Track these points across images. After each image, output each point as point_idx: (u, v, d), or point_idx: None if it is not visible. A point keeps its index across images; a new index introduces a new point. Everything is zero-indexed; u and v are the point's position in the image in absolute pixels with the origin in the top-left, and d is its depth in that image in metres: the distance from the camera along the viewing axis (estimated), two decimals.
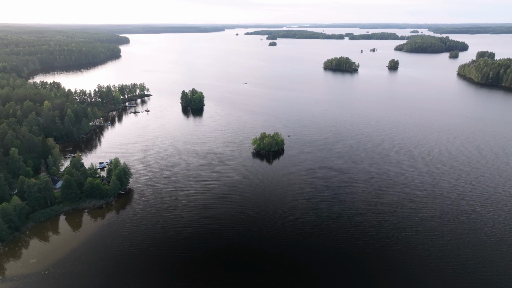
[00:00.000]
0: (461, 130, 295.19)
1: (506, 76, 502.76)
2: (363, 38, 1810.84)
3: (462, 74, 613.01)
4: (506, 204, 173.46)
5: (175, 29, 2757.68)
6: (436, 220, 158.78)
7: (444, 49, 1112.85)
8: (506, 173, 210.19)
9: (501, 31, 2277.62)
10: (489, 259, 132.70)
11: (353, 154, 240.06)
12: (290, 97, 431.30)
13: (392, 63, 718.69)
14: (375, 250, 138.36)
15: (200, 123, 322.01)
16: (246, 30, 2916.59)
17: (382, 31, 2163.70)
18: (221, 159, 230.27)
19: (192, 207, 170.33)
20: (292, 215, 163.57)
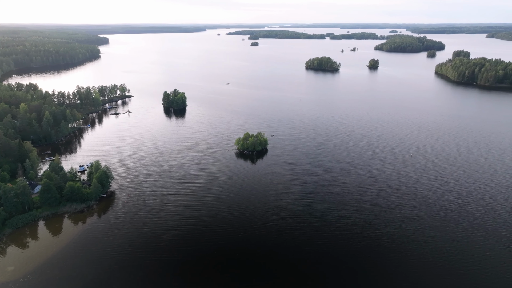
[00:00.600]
0: (440, 128, 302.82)
1: (481, 75, 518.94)
2: (344, 38, 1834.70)
3: (439, 73, 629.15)
4: (484, 198, 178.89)
5: (156, 29, 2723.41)
6: (417, 216, 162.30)
7: (422, 48, 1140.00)
8: (482, 168, 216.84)
9: (475, 31, 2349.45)
10: (469, 253, 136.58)
11: (336, 153, 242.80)
12: (272, 97, 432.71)
13: (372, 62, 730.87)
14: (360, 247, 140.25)
15: (182, 124, 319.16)
16: (228, 30, 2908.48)
17: (362, 31, 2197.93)
18: (205, 160, 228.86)
19: (176, 209, 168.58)
20: (277, 214, 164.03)
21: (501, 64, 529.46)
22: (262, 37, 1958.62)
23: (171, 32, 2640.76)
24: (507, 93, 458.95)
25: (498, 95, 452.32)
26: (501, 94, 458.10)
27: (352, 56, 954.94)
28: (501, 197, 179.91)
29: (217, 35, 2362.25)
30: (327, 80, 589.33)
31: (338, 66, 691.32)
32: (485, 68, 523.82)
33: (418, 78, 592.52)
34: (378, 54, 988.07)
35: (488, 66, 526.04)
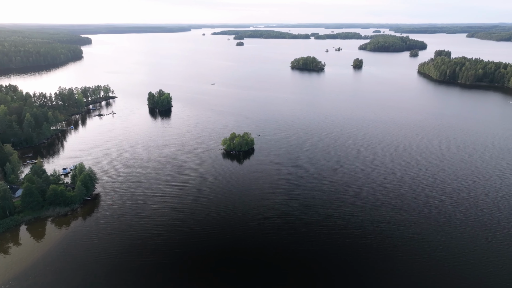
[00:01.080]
0: (423, 126, 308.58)
1: (462, 74, 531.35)
2: (328, 37, 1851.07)
3: (422, 72, 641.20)
4: (467, 194, 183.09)
5: (140, 29, 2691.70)
6: (402, 212, 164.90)
7: (405, 48, 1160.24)
8: (465, 165, 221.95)
9: (455, 31, 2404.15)
10: (454, 248, 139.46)
11: (322, 152, 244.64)
12: (258, 97, 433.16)
13: (357, 62, 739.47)
14: (347, 245, 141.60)
15: (168, 124, 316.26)
16: (213, 30, 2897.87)
17: (347, 31, 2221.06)
18: (191, 161, 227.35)
19: (162, 211, 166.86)
20: (264, 214, 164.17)
21: (481, 63, 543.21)
22: (247, 37, 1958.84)
23: (155, 32, 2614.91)
24: (486, 91, 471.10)
25: (478, 93, 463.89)
26: (481, 92, 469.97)
27: (337, 56, 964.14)
28: (483, 193, 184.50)
29: (202, 35, 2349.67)
30: (312, 80, 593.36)
31: (323, 66, 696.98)
32: (465, 67, 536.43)
33: (401, 77, 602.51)
34: (362, 53, 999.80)
35: (468, 65, 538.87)
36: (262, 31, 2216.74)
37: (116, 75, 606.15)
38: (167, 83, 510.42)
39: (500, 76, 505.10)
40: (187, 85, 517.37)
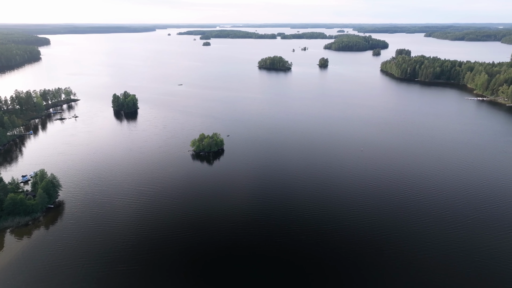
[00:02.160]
0: (387, 122, 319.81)
1: (421, 72, 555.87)
2: (294, 37, 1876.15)
3: (384, 70, 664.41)
4: (429, 186, 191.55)
5: (102, 29, 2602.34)
6: (369, 207, 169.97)
7: (368, 47, 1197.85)
8: (426, 159, 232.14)
9: (414, 30, 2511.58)
10: (419, 239, 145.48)
11: (292, 150, 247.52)
12: (227, 97, 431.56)
13: (323, 61, 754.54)
14: (318, 242, 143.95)
15: (134, 127, 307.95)
16: (179, 30, 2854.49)
17: (312, 30, 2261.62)
18: (160, 164, 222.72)
19: (131, 217, 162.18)
20: (236, 215, 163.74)
21: (438, 62, 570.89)
22: (214, 37, 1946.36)
23: (118, 32, 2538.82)
24: (444, 88, 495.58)
25: (437, 90, 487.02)
26: (439, 89, 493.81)
27: (303, 55, 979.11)
28: (444, 185, 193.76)
29: (167, 35, 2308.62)
30: (280, 79, 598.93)
31: (290, 65, 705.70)
32: (424, 65, 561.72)
33: (365, 75, 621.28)
34: (328, 53, 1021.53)
35: (427, 64, 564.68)
36: (229, 31, 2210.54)
37: (78, 77, 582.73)
38: (133, 85, 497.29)
39: (455, 73, 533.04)
40: (153, 86, 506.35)
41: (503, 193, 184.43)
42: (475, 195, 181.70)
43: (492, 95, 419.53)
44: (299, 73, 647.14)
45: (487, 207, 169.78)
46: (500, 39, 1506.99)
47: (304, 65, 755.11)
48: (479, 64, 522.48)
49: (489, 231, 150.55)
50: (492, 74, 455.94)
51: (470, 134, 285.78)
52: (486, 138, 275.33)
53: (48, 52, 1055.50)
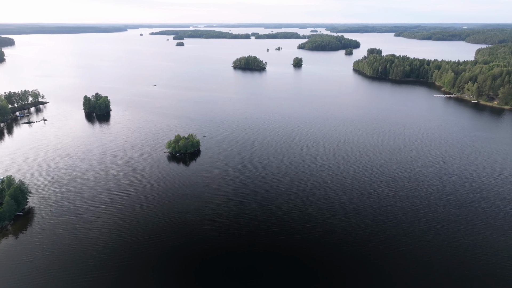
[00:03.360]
0: (361, 121, 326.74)
1: (392, 70, 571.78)
2: (268, 37, 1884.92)
3: (357, 69, 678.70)
4: (403, 182, 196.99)
5: (71, 29, 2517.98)
6: (346, 203, 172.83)
7: (340, 46, 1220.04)
8: (400, 155, 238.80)
9: (384, 30, 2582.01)
10: (394, 235, 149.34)
11: (268, 150, 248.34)
12: (202, 98, 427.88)
13: (297, 61, 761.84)
14: (297, 241, 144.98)
15: (107, 130, 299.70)
16: (151, 30, 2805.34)
17: (285, 30, 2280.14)
18: (135, 167, 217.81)
19: (106, 222, 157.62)
20: (214, 216, 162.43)
21: (408, 60, 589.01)
22: (187, 37, 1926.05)
23: (88, 32, 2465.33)
24: (413, 86, 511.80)
25: (407, 88, 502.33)
26: (409, 87, 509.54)
27: (277, 55, 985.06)
28: (418, 180, 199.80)
29: (139, 35, 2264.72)
30: (255, 79, 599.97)
31: (265, 65, 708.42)
32: (395, 64, 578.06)
33: (338, 74, 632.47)
34: (301, 52, 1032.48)
35: (397, 62, 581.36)
36: (202, 31, 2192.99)
37: (46, 78, 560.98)
38: (104, 86, 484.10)
39: (424, 71, 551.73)
40: (126, 87, 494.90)
41: (472, 185, 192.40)
42: (447, 189, 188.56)
43: (458, 92, 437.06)
44: (274, 73, 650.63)
45: (458, 200, 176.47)
46: (464, 39, 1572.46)
47: (278, 64, 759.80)
48: (445, 63, 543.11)
49: (460, 222, 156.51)
50: (458, 72, 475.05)
51: (439, 130, 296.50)
52: (455, 133, 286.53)
53: (13, 53, 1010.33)
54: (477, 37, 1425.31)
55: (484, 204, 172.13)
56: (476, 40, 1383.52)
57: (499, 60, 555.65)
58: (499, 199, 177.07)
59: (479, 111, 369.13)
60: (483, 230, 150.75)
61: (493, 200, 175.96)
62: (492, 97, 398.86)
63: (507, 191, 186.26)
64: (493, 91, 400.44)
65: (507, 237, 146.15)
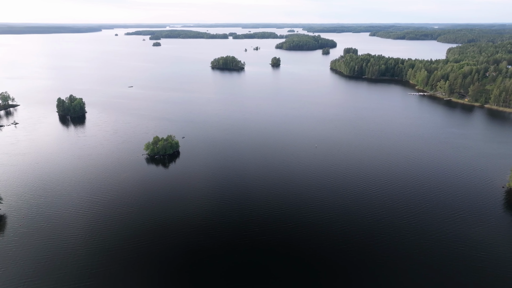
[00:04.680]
0: (339, 119, 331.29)
1: (368, 69, 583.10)
2: (246, 37, 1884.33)
3: (334, 68, 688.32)
4: (383, 179, 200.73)
5: (41, 29, 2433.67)
6: (325, 202, 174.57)
7: (317, 46, 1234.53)
8: (378, 153, 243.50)
9: (360, 30, 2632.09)
10: (374, 232, 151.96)
11: (249, 150, 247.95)
12: (180, 98, 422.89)
13: (275, 60, 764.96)
14: (279, 241, 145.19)
15: (83, 133, 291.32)
16: (127, 30, 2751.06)
17: (263, 30, 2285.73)
18: (112, 170, 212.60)
19: (82, 229, 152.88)
20: (195, 218, 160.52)
21: (383, 59, 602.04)
22: (164, 37, 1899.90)
23: (60, 32, 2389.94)
24: (389, 85, 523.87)
25: (383, 87, 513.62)
26: (385, 85, 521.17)
27: (256, 55, 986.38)
28: (396, 177, 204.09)
29: (114, 35, 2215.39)
30: (234, 79, 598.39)
31: (243, 65, 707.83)
32: (370, 63, 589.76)
33: (316, 74, 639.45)
34: (279, 52, 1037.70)
35: (373, 61, 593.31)
36: (180, 31, 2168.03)
37: (16, 80, 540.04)
38: (79, 88, 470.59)
39: (399, 70, 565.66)
40: (101, 89, 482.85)
41: (447, 180, 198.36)
42: (424, 184, 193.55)
43: (431, 90, 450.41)
44: (253, 73, 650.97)
45: (434, 195, 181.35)
46: (436, 38, 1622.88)
47: (257, 64, 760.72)
48: (419, 62, 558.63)
49: (437, 216, 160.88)
50: (431, 70, 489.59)
51: (415, 127, 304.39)
52: (429, 130, 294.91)
53: None
54: (447, 36, 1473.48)
55: (459, 198, 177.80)
56: (447, 40, 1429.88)
57: (469, 59, 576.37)
58: (472, 193, 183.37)
59: (451, 108, 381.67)
60: (459, 223, 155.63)
61: (467, 194, 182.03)
62: (463, 95, 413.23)
63: (479, 185, 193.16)
64: (463, 89, 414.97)
65: (480, 228, 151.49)
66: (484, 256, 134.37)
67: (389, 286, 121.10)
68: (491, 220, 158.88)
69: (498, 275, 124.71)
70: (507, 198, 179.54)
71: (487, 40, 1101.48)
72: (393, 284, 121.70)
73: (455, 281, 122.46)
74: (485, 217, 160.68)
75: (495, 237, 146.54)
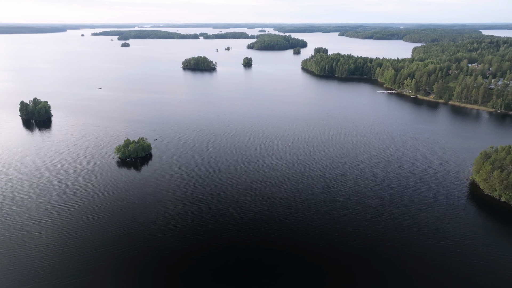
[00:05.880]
0: (312, 118, 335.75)
1: (338, 68, 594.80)
2: (217, 37, 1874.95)
3: (305, 68, 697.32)
4: (356, 176, 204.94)
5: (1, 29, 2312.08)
6: (299, 201, 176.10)
7: (288, 46, 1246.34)
8: (351, 150, 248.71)
9: (329, 30, 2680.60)
10: (349, 228, 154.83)
11: (223, 150, 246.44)
12: (151, 100, 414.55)
13: (247, 60, 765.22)
14: (256, 242, 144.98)
15: (49, 137, 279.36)
16: (93, 30, 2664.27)
17: (234, 30, 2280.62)
18: (81, 175, 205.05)
19: (50, 238, 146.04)
20: (169, 223, 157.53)
21: (352, 59, 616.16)
22: (132, 37, 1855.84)
23: (22, 32, 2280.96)
24: (358, 83, 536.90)
25: (352, 85, 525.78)
26: (354, 84, 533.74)
27: (227, 55, 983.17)
28: (368, 173, 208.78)
29: (80, 36, 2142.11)
30: (206, 80, 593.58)
31: (215, 65, 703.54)
32: (340, 62, 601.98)
33: (288, 73, 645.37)
34: (251, 52, 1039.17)
35: (343, 61, 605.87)
36: (149, 31, 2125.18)
37: None
38: (43, 90, 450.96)
39: (367, 69, 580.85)
40: (68, 91, 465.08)
41: (417, 175, 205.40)
42: (395, 180, 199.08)
43: (399, 88, 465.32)
44: (225, 73, 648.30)
45: (405, 190, 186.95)
46: (402, 38, 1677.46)
47: (228, 64, 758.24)
48: (386, 60, 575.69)
49: (408, 211, 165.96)
50: (398, 69, 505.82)
51: (384, 124, 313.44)
52: (398, 127, 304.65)
53: None
54: (413, 36, 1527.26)
55: (427, 192, 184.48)
56: (412, 39, 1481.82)
57: (433, 58, 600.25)
58: (440, 186, 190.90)
59: (418, 105, 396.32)
60: (428, 215, 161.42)
61: (434, 187, 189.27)
62: (428, 92, 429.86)
63: (446, 178, 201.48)
64: (428, 86, 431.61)
65: (448, 219, 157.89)
66: (452, 246, 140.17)
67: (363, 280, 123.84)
68: (457, 211, 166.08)
69: (465, 263, 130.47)
70: (471, 189, 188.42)
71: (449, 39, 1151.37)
72: (367, 278, 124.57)
73: (426, 270, 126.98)
74: (451, 209, 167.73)
75: (461, 226, 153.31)
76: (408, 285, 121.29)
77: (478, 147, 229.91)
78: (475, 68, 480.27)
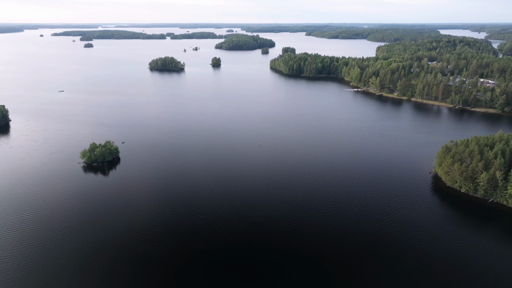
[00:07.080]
0: (281, 117, 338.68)
1: (306, 68, 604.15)
2: (185, 37, 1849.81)
3: (273, 67, 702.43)
4: (327, 173, 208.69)
5: None
6: (272, 200, 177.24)
7: (256, 46, 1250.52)
8: (320, 148, 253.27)
9: (296, 29, 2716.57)
10: (320, 227, 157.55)
11: (193, 152, 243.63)
12: (118, 102, 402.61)
13: (215, 60, 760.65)
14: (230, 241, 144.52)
15: (7, 144, 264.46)
16: (53, 30, 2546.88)
17: (202, 30, 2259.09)
18: (44, 182, 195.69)
19: (10, 251, 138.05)
20: (140, 228, 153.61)
21: (319, 58, 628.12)
22: (96, 38, 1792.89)
23: None
24: (326, 82, 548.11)
25: (320, 84, 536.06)
26: (322, 83, 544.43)
27: (195, 55, 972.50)
28: (338, 170, 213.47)
29: (39, 36, 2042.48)
30: (174, 80, 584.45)
31: (183, 66, 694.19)
32: (308, 61, 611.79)
33: (257, 73, 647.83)
34: (219, 52, 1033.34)
35: (310, 60, 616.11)
36: (113, 31, 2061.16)
37: None
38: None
39: (334, 68, 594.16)
40: (27, 94, 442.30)
41: (384, 170, 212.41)
42: (364, 176, 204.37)
43: (364, 86, 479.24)
44: (193, 73, 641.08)
45: (374, 185, 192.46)
46: (366, 37, 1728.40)
47: (197, 65, 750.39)
48: (352, 59, 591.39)
49: (378, 206, 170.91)
50: (363, 67, 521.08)
51: (352, 121, 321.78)
52: (365, 124, 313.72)
53: None
54: (376, 35, 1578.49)
55: (394, 186, 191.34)
56: (376, 39, 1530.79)
57: (395, 56, 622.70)
58: (405, 180, 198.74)
59: (383, 102, 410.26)
60: (395, 209, 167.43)
61: (401, 181, 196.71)
62: (392, 89, 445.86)
63: (411, 172, 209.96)
64: (392, 84, 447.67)
65: (413, 211, 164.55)
66: (418, 236, 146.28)
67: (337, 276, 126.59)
68: (422, 203, 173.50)
69: (430, 252, 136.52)
70: (434, 182, 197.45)
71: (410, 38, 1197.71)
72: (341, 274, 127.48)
73: (395, 262, 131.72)
74: (417, 201, 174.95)
75: (426, 218, 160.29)
76: (378, 276, 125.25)
77: (439, 141, 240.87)
78: (435, 66, 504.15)
